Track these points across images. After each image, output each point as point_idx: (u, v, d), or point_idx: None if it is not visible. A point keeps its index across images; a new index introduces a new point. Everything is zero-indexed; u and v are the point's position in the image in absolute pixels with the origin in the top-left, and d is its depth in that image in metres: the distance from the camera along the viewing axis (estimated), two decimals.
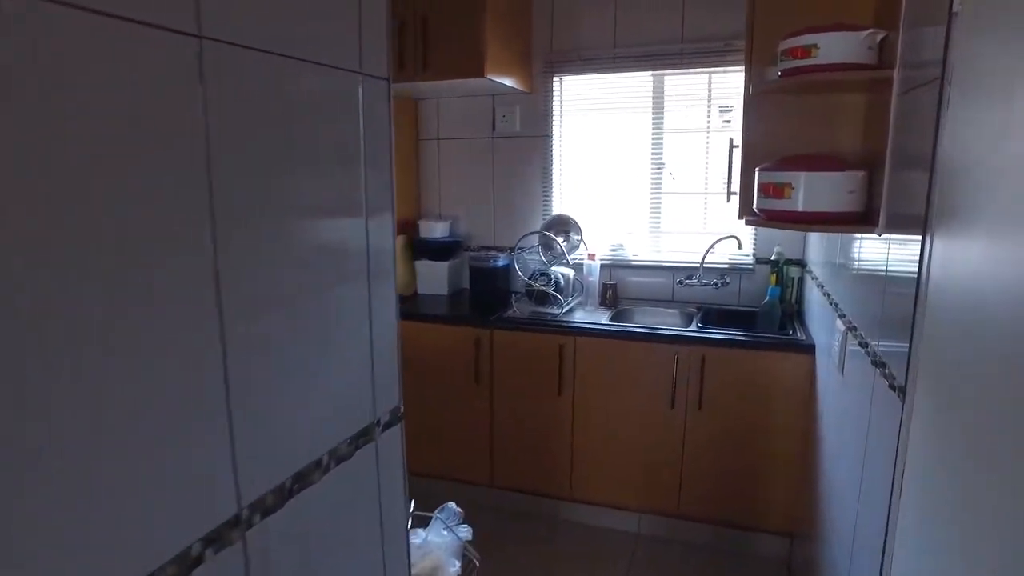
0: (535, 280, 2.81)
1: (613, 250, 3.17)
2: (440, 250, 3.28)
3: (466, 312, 2.96)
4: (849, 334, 1.73)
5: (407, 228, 3.31)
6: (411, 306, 3.06)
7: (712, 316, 2.83)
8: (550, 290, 2.77)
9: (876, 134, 1.54)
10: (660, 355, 2.52)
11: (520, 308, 2.83)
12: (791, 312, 2.73)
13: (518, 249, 3.04)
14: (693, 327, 2.62)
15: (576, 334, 2.63)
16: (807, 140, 1.70)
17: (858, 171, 1.48)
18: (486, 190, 3.34)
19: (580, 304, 2.98)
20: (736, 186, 1.97)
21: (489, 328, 2.76)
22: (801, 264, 2.80)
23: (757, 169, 1.64)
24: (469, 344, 2.79)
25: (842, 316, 1.84)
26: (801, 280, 2.79)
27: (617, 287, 3.02)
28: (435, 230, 3.26)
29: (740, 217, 1.86)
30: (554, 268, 2.92)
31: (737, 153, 2.02)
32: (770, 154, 1.72)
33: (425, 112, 3.39)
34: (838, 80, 1.50)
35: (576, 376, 2.66)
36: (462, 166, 3.37)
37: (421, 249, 3.30)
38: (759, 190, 1.61)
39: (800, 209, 1.50)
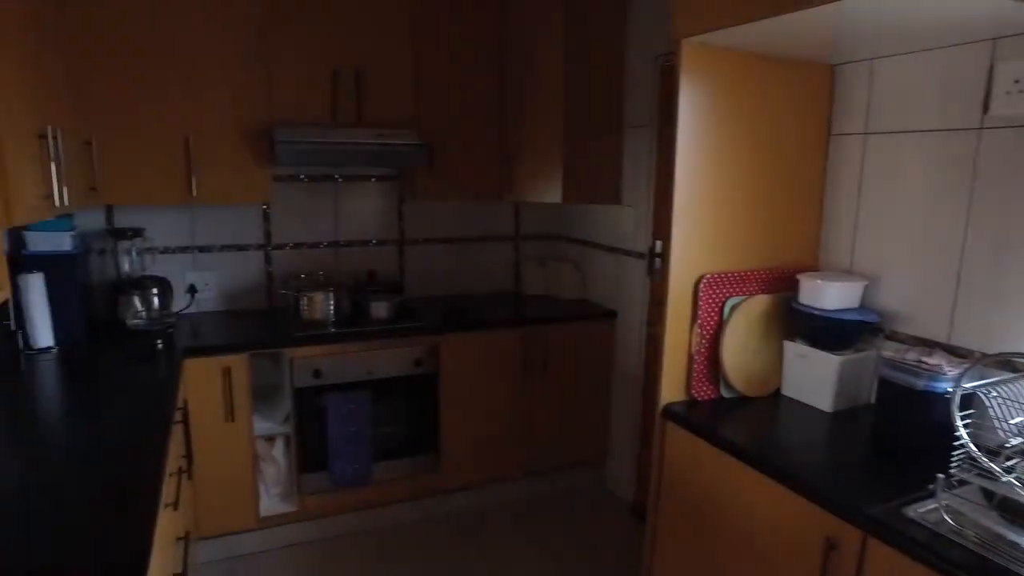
0: (1001, 459, 1.19)
1: None
2: (833, 330, 1.84)
3: (840, 472, 1.52)
4: None
5: (781, 283, 1.96)
6: (748, 428, 1.77)
7: None
8: None
9: None
10: None
11: (951, 507, 1.26)
12: None
13: (983, 370, 1.39)
14: None
15: None
16: None
17: None
18: (947, 235, 1.72)
19: None
20: None
21: (863, 531, 1.30)
22: None
23: None
24: (814, 549, 1.38)
25: None
26: None
27: None
28: (831, 295, 1.82)
29: None
30: None
31: None
32: None
33: (847, 87, 1.94)
34: None
35: None
36: (905, 186, 1.82)
37: (800, 325, 1.91)
38: None
39: None
